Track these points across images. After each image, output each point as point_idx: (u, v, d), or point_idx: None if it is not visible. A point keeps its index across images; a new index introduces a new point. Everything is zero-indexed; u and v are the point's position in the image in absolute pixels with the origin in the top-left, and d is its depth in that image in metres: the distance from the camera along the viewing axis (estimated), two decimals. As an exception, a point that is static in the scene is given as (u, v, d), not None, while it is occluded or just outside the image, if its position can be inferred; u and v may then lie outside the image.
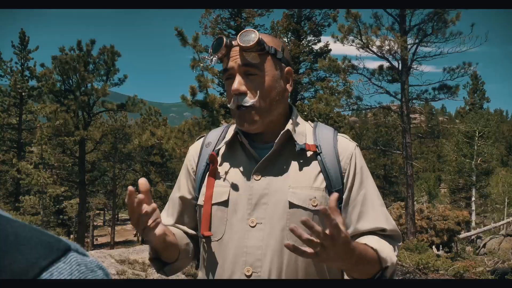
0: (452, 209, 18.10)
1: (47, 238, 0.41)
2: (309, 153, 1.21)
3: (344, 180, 1.21)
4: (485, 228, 18.63)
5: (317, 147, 1.21)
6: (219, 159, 1.27)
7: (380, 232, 1.22)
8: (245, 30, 1.18)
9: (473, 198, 26.10)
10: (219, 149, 1.28)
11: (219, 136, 1.31)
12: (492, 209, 30.34)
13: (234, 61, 1.18)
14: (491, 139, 26.96)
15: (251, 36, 1.16)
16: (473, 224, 22.99)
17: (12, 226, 0.41)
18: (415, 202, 16.41)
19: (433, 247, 14.39)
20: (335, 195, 0.95)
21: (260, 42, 1.16)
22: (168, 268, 1.25)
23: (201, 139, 1.36)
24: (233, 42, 1.19)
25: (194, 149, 1.35)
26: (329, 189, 1.18)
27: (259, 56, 1.18)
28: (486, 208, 30.61)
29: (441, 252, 13.86)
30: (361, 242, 1.14)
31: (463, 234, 16.78)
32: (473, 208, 25.34)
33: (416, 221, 15.19)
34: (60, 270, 0.40)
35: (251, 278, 1.14)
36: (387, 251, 1.15)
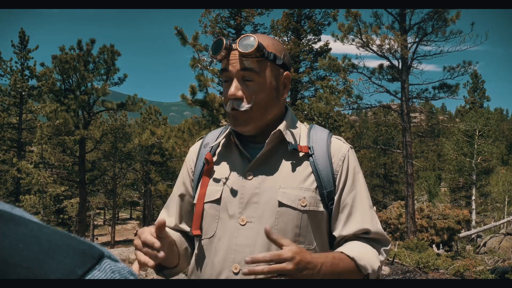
0: (452, 208, 18.09)
1: (80, 245, 0.40)
2: (301, 154, 1.22)
3: (336, 182, 1.22)
4: (485, 227, 18.61)
5: (309, 148, 1.23)
6: (215, 158, 1.30)
7: (364, 236, 1.21)
8: (245, 35, 1.18)
9: (473, 197, 26.09)
10: (216, 149, 1.32)
11: (216, 137, 1.35)
12: (492, 208, 30.35)
13: (233, 65, 1.18)
14: (491, 138, 26.93)
15: (251, 42, 1.15)
16: (473, 223, 23.01)
17: (44, 233, 0.39)
18: (415, 201, 16.41)
19: (433, 246, 14.40)
20: (267, 226, 1.02)
21: (259, 49, 1.15)
22: (168, 272, 1.27)
23: (201, 140, 1.40)
24: (233, 45, 1.19)
25: (193, 150, 1.39)
26: (320, 190, 1.20)
27: (257, 62, 1.17)
28: (486, 207, 30.62)
29: (441, 251, 13.85)
30: (338, 250, 1.15)
31: (463, 233, 16.78)
32: (473, 207, 25.33)
33: (416, 220, 15.20)
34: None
35: (238, 275, 1.15)
36: (367, 258, 1.14)
